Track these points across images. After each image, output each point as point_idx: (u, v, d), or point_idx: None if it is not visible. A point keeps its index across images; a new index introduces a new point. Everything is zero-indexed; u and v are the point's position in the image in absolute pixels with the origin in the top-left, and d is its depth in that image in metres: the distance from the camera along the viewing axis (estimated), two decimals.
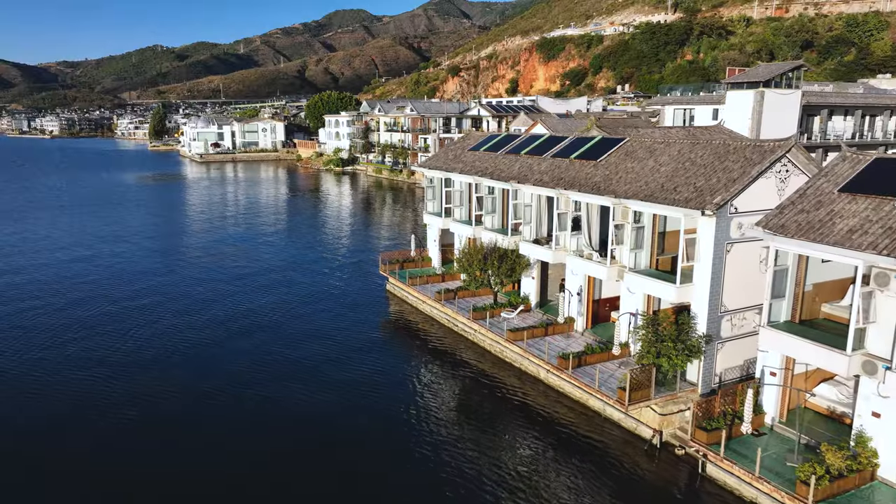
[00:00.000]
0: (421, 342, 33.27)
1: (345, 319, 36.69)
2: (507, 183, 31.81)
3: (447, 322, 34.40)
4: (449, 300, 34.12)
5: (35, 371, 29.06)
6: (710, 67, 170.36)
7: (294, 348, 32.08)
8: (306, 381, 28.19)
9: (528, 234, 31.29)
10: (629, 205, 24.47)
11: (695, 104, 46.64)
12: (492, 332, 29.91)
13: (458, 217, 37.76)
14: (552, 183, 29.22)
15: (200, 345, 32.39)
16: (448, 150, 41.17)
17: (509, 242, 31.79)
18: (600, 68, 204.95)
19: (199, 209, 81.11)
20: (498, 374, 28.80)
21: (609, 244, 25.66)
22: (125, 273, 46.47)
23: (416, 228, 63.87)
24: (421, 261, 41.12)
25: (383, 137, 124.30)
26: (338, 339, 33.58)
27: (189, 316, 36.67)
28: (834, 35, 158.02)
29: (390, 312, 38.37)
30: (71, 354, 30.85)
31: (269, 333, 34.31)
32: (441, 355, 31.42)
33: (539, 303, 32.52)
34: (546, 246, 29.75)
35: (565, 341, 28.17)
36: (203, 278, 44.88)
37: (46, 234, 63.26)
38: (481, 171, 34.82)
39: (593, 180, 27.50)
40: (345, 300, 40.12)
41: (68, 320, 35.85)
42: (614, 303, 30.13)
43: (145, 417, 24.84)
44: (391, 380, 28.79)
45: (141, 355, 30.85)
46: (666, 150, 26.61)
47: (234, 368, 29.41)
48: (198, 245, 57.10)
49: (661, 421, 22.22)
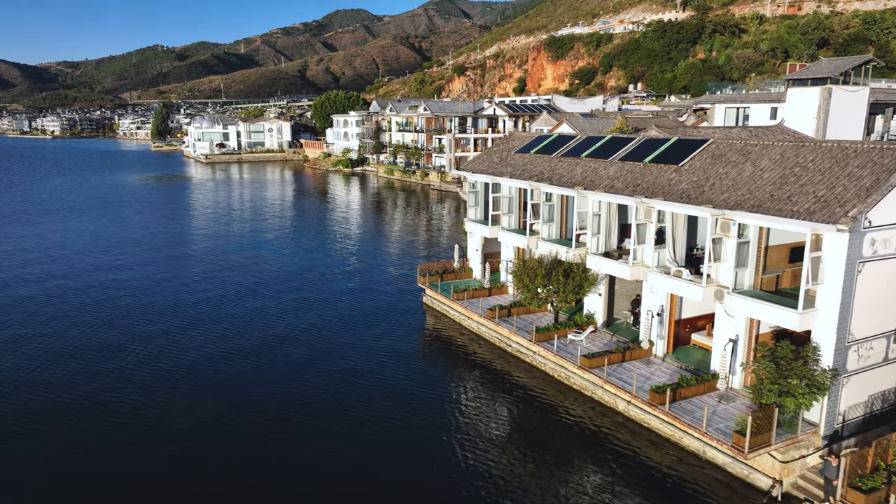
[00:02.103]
0: (467, 362, 30.14)
1: (379, 334, 33.62)
2: (570, 189, 28.67)
3: (498, 341, 31.24)
4: (503, 318, 30.98)
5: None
6: (724, 66, 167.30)
7: (327, 367, 29.12)
8: (344, 415, 25.11)
9: (594, 245, 28.16)
10: (733, 217, 21.31)
11: (750, 102, 43.52)
12: (559, 357, 26.73)
13: (507, 225, 34.61)
14: (627, 190, 26.09)
15: (232, 365, 29.36)
16: (491, 152, 38.03)
17: (574, 255, 28.63)
18: (610, 67, 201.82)
19: (213, 213, 77.71)
20: (564, 403, 25.70)
21: (706, 261, 22.50)
22: (150, 288, 42.77)
23: (455, 236, 60.63)
24: (461, 272, 38.02)
25: (395, 138, 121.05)
26: (373, 356, 30.62)
27: (222, 333, 33.62)
28: (851, 33, 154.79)
29: (428, 328, 35.25)
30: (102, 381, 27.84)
31: (297, 349, 31.45)
32: (492, 378, 28.28)
33: (606, 322, 29.38)
34: (621, 260, 26.59)
35: (647, 369, 25.04)
36: (230, 293, 41.44)
37: (61, 239, 60.05)
38: (536, 175, 31.67)
39: (679, 187, 24.37)
40: (378, 314, 36.94)
41: (99, 343, 32.78)
42: (694, 324, 27.05)
43: (185, 446, 21.83)
44: (438, 404, 25.74)
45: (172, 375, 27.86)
46: (764, 153, 23.47)
47: (259, 392, 26.39)
48: (219, 253, 53.53)
49: (781, 469, 19.09)
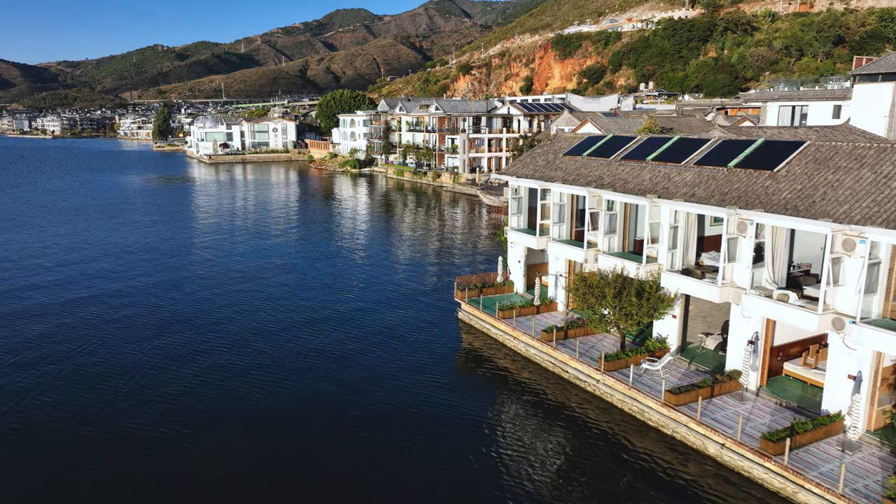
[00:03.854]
0: (514, 390, 26.71)
1: (411, 353, 30.37)
2: (640, 197, 25.33)
3: (551, 366, 27.86)
4: (560, 341, 27.66)
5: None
6: (737, 64, 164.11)
7: (357, 388, 26.09)
8: (376, 450, 21.82)
9: (669, 261, 24.85)
10: (869, 234, 18.01)
11: (808, 100, 40.27)
12: (635, 391, 23.35)
13: (557, 236, 31.29)
14: (714, 199, 22.77)
15: (257, 384, 26.06)
16: (535, 155, 34.70)
17: (644, 272, 25.29)
18: (619, 66, 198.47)
19: (223, 217, 73.82)
20: (638, 442, 22.24)
21: (823, 284, 19.19)
22: (175, 302, 39.03)
23: (474, 242, 57.24)
24: (504, 286, 34.72)
25: (405, 138, 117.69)
26: (406, 378, 27.52)
27: (249, 350, 30.31)
28: (867, 30, 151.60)
29: (465, 348, 31.91)
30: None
31: (323, 371, 28.24)
32: (546, 410, 24.85)
33: (680, 348, 26.05)
34: (706, 280, 23.26)
35: (741, 406, 21.70)
36: (243, 308, 38.28)
37: (69, 244, 56.63)
38: (595, 181, 28.35)
39: (780, 197, 21.06)
40: (407, 330, 33.42)
41: (137, 372, 29.46)
42: (786, 351, 23.74)
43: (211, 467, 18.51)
44: (483, 439, 22.40)
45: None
46: (884, 157, 20.17)
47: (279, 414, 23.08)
48: (235, 263, 49.29)
49: None
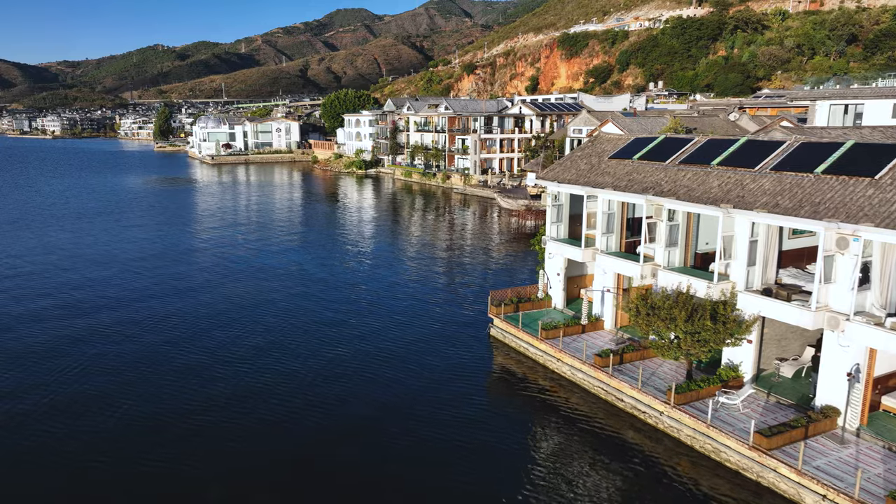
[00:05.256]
0: (559, 418, 23.77)
1: (439, 374, 27.72)
2: (711, 207, 22.41)
3: (603, 394, 24.93)
4: (616, 366, 24.76)
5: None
6: (748, 63, 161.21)
7: (378, 417, 23.13)
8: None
9: (745, 280, 21.95)
10: None
11: (864, 98, 37.37)
12: (716, 430, 20.37)
13: (605, 247, 28.37)
14: (805, 210, 19.85)
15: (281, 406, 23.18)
16: (576, 158, 31.79)
17: (715, 291, 22.36)
18: (627, 65, 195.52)
19: (231, 222, 70.28)
20: (718, 489, 19.38)
21: None
22: (199, 315, 36.06)
23: (487, 247, 54.25)
24: (543, 300, 31.84)
25: (413, 138, 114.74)
26: (436, 402, 24.89)
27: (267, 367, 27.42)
28: (881, 29, 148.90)
29: (497, 368, 28.94)
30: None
31: (342, 386, 25.45)
32: (599, 443, 21.97)
33: (755, 377, 23.12)
34: (795, 303, 20.33)
35: (843, 450, 18.78)
36: (262, 320, 35.47)
37: (75, 250, 53.69)
38: (653, 187, 25.44)
39: (891, 208, 18.18)
40: (432, 348, 30.47)
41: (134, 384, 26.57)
42: (885, 384, 20.85)
43: None
44: (531, 482, 19.52)
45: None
46: None
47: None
48: (253, 270, 46.78)
49: None
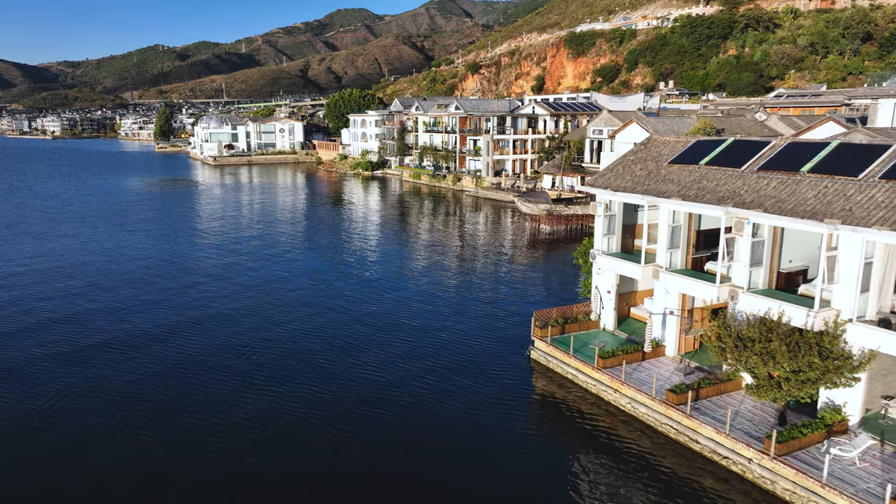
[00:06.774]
0: (618, 461, 20.72)
1: (469, 397, 24.75)
2: (814, 222, 19.21)
3: (674, 433, 21.76)
4: (694, 403, 21.56)
5: None
6: (760, 62, 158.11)
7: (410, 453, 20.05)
8: None
9: (853, 307, 18.79)
10: None
11: None
12: (830, 488, 17.17)
13: (669, 264, 25.19)
14: None
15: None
16: (628, 163, 28.62)
17: (817, 321, 19.16)
18: (636, 64, 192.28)
19: (239, 227, 66.93)
20: None
21: None
22: (221, 327, 33.56)
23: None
24: (590, 321, 28.69)
25: (421, 139, 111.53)
26: (473, 434, 21.90)
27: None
28: None
29: (539, 396, 25.87)
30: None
31: (368, 411, 22.55)
32: (672, 491, 18.91)
33: (862, 420, 19.92)
34: None
35: None
36: (295, 344, 32.15)
37: (80, 258, 50.69)
38: (730, 197, 22.25)
39: None
40: (465, 372, 27.40)
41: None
42: None
43: None
44: None
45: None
46: None
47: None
48: (267, 280, 43.77)
49: None
